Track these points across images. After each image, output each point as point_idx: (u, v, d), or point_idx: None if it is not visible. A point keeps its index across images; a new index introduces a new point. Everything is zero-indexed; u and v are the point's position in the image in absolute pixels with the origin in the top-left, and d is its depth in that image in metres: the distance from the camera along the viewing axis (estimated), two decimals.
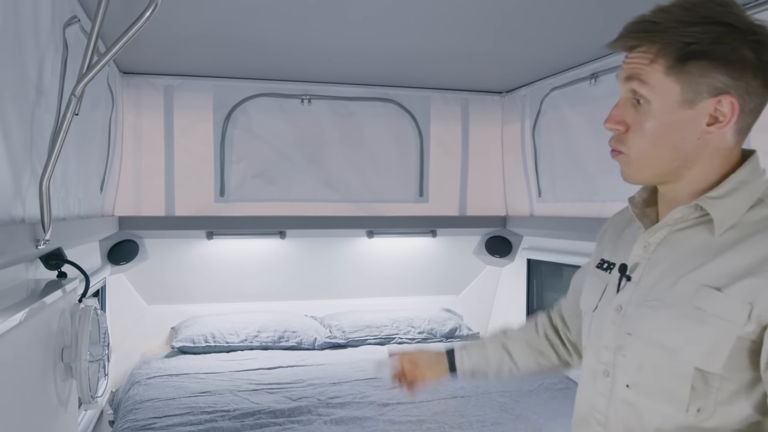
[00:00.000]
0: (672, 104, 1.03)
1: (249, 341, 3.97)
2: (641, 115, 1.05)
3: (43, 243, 1.78)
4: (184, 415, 2.91)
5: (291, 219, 3.89)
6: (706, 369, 1.00)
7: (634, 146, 1.07)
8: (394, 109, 4.02)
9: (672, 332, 1.04)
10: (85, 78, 1.64)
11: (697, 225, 1.07)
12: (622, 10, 2.32)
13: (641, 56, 1.04)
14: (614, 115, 1.08)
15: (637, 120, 1.06)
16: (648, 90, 1.04)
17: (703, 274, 1.02)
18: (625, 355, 1.11)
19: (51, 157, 1.68)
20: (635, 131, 1.06)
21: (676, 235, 1.10)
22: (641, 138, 1.06)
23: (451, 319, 4.47)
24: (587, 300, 1.27)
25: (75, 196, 2.45)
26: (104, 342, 2.11)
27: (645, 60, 1.04)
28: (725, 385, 1.00)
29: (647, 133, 1.05)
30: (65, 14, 2.04)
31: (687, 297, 1.03)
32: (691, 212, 1.07)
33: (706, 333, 0.99)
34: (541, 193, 3.87)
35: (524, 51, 3.04)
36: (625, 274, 1.16)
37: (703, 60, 0.99)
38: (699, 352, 1.00)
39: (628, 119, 1.07)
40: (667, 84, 1.02)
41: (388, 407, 3.05)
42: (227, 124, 3.74)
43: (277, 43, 2.89)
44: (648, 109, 1.04)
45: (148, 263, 3.89)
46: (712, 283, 1.00)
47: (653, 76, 1.03)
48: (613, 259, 1.23)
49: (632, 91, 1.06)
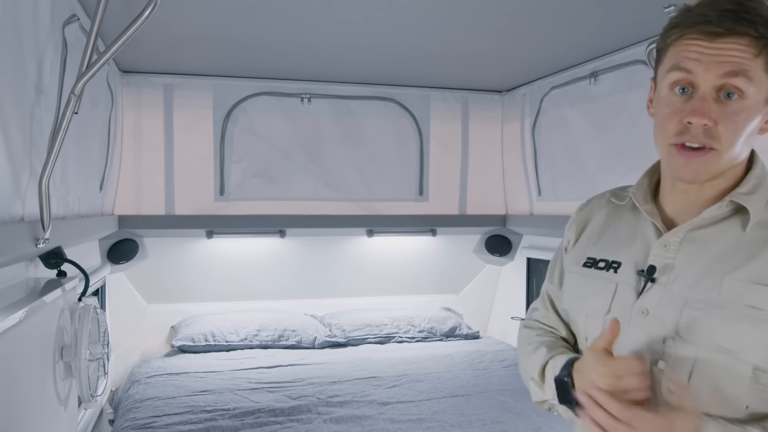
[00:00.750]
0: (761, 101, 1.00)
1: (249, 340, 3.97)
2: (731, 110, 0.99)
3: (42, 242, 1.78)
4: (184, 413, 2.91)
5: (291, 218, 3.89)
6: (764, 369, 0.97)
7: (726, 141, 0.99)
8: (394, 108, 4.02)
9: (729, 334, 0.99)
10: (84, 77, 1.64)
11: (719, 222, 1.06)
12: (621, 10, 2.34)
13: (743, 48, 0.97)
14: (702, 109, 0.99)
15: (725, 114, 0.99)
16: (750, 85, 0.98)
17: (749, 272, 0.99)
18: (668, 360, 1.05)
19: (50, 155, 1.68)
20: (727, 126, 0.99)
21: (697, 233, 1.07)
22: (733, 131, 0.99)
23: (451, 318, 4.47)
24: (587, 303, 1.20)
25: (74, 194, 2.45)
26: (104, 341, 2.11)
27: (749, 54, 0.97)
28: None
29: (739, 126, 0.99)
30: (65, 13, 2.04)
31: (737, 296, 0.99)
32: (722, 209, 1.05)
33: (765, 331, 0.96)
34: (541, 191, 3.87)
35: (524, 50, 3.04)
36: (650, 277, 1.09)
37: None
38: (759, 353, 0.97)
39: (714, 114, 0.99)
40: (764, 80, 0.99)
41: (388, 406, 3.05)
42: (227, 122, 3.74)
43: (277, 41, 2.89)
44: (741, 104, 0.99)
45: (148, 262, 3.89)
46: (763, 280, 0.98)
47: (757, 72, 0.98)
48: (613, 257, 1.17)
49: (726, 85, 0.98)
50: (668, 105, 1.03)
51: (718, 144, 0.99)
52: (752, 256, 1.00)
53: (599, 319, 1.16)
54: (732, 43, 0.97)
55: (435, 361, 3.80)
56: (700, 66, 0.98)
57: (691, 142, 1.00)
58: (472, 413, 2.95)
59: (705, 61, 0.98)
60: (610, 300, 1.14)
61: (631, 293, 1.11)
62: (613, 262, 1.16)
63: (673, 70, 1.02)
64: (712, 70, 0.98)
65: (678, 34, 1.02)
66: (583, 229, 1.27)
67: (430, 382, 3.41)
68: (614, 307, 1.13)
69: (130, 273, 3.94)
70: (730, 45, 0.97)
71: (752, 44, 0.96)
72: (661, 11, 2.30)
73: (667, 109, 1.04)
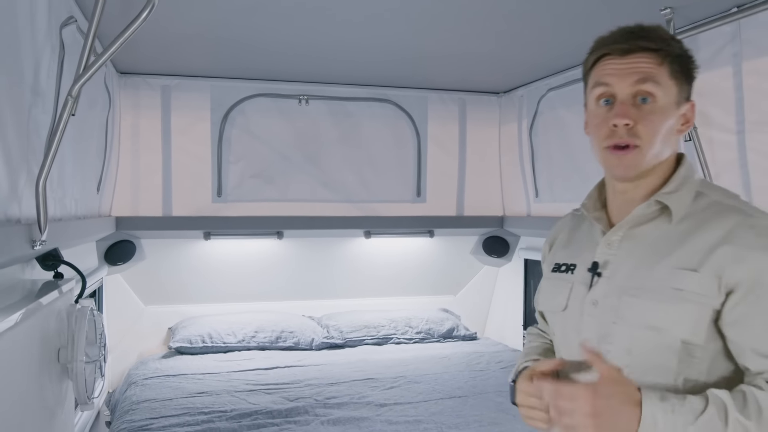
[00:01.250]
0: (671, 103, 1.19)
1: (246, 341, 3.97)
2: (647, 111, 1.18)
3: (39, 243, 1.77)
4: (181, 415, 2.91)
5: (288, 219, 3.89)
6: (691, 341, 1.13)
7: (646, 137, 1.17)
8: (392, 110, 4.02)
9: (658, 313, 1.15)
10: (81, 78, 1.64)
11: (652, 220, 1.23)
12: (618, 12, 2.34)
13: (649, 60, 1.18)
14: (623, 111, 1.18)
15: (642, 115, 1.17)
16: (659, 89, 1.17)
17: (675, 260, 1.16)
18: (612, 342, 1.20)
19: (47, 157, 1.68)
20: (645, 124, 1.17)
21: (635, 230, 1.25)
22: (651, 129, 1.17)
23: (448, 319, 4.47)
24: (552, 302, 1.37)
25: (71, 196, 2.45)
26: (101, 343, 2.11)
27: (653, 63, 1.18)
28: (705, 354, 1.14)
29: (655, 125, 1.18)
30: (62, 14, 2.04)
31: (665, 281, 1.16)
32: (650, 207, 1.22)
33: (688, 309, 1.13)
34: (538, 193, 3.87)
35: (521, 52, 3.04)
36: (596, 272, 1.27)
37: (687, 69, 1.22)
38: (685, 327, 1.13)
39: (633, 116, 1.17)
40: (670, 85, 1.19)
41: (386, 407, 3.05)
42: (225, 124, 3.74)
43: (275, 43, 2.89)
44: (654, 106, 1.18)
45: (146, 263, 3.89)
46: (687, 265, 1.14)
47: (663, 78, 1.18)
48: (571, 260, 1.35)
49: (639, 91, 1.18)
50: (596, 116, 1.24)
51: (640, 141, 1.18)
52: (678, 245, 1.18)
53: (558, 315, 1.34)
54: (639, 57, 1.19)
55: (432, 362, 3.80)
56: (616, 78, 1.20)
57: (618, 142, 1.19)
58: (469, 414, 2.95)
59: (619, 74, 1.19)
60: (567, 297, 1.32)
61: (584, 289, 1.28)
62: (571, 264, 1.35)
63: (596, 87, 1.23)
64: (626, 79, 1.19)
65: (596, 57, 1.25)
66: (553, 243, 1.48)
67: (427, 383, 3.41)
68: (570, 302, 1.31)
69: (127, 274, 3.93)
70: (637, 58, 1.19)
71: (655, 56, 1.18)
72: (658, 13, 2.31)
73: (596, 120, 1.24)
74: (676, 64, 1.19)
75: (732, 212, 1.16)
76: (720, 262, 1.12)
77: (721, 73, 2.40)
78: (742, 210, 1.17)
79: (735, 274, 1.11)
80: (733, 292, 1.11)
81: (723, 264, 1.11)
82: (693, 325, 1.13)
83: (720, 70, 2.40)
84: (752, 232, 1.12)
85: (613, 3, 2.27)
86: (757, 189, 2.33)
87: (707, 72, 2.46)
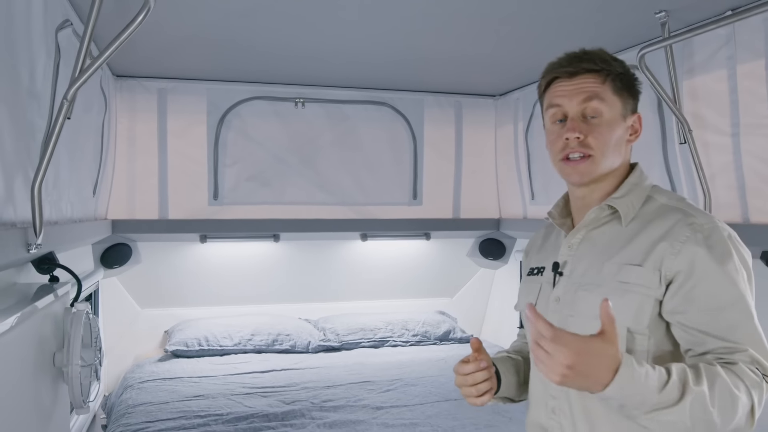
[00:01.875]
0: (617, 116, 1.35)
1: (242, 344, 3.96)
2: (595, 125, 1.33)
3: (34, 247, 1.77)
4: (177, 419, 2.91)
5: (285, 222, 3.88)
6: (635, 329, 1.26)
7: (597, 147, 1.33)
8: (388, 113, 4.03)
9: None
10: (77, 82, 1.64)
11: (607, 223, 1.38)
12: (613, 15, 2.35)
13: (593, 80, 1.34)
14: (573, 126, 1.33)
15: (591, 129, 1.33)
16: (604, 105, 1.33)
17: (622, 257, 1.31)
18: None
19: (43, 160, 1.68)
20: (594, 136, 1.33)
21: (592, 233, 1.40)
22: (600, 140, 1.33)
23: (445, 321, 4.47)
24: (525, 301, 1.47)
25: (67, 199, 2.44)
26: (96, 346, 2.10)
27: (597, 82, 1.34)
28: (647, 342, 1.26)
29: (604, 136, 1.33)
30: (57, 18, 2.04)
31: (612, 276, 1.30)
32: (602, 211, 1.37)
33: (632, 300, 1.26)
34: (534, 195, 3.88)
35: (517, 55, 3.05)
36: (557, 271, 1.41)
37: (629, 85, 1.37)
38: (628, 316, 1.25)
39: (583, 130, 1.33)
40: (615, 101, 1.34)
41: (382, 410, 3.05)
42: (221, 127, 3.74)
43: (271, 46, 2.89)
44: (601, 120, 1.33)
45: (142, 266, 3.88)
46: (632, 261, 1.29)
47: (607, 94, 1.34)
48: (541, 264, 1.51)
49: (587, 108, 1.33)
50: (552, 133, 1.40)
51: (592, 151, 1.33)
52: (626, 244, 1.32)
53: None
54: (584, 78, 1.34)
55: (429, 365, 3.80)
56: (566, 99, 1.35)
57: (572, 154, 1.34)
58: (465, 417, 2.96)
59: (568, 95, 1.35)
60: (536, 296, 1.47)
61: (549, 288, 1.44)
62: (541, 267, 1.50)
63: (549, 108, 1.39)
64: (574, 99, 1.34)
65: (547, 80, 1.41)
66: (530, 251, 1.63)
67: (423, 386, 3.41)
68: (539, 301, 1.45)
69: (123, 277, 3.93)
70: (582, 79, 1.34)
71: (598, 76, 1.34)
72: (653, 17, 2.32)
73: (552, 136, 1.40)
74: (618, 82, 1.34)
75: (674, 212, 1.31)
76: (660, 255, 1.25)
77: (716, 76, 2.40)
78: (683, 210, 1.31)
79: (673, 265, 1.24)
80: (672, 282, 1.24)
81: (662, 257, 1.25)
82: (637, 315, 1.25)
83: (715, 73, 2.41)
84: (689, 228, 1.26)
85: (608, 6, 2.27)
86: (751, 191, 2.34)
87: (702, 75, 2.47)
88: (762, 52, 2.22)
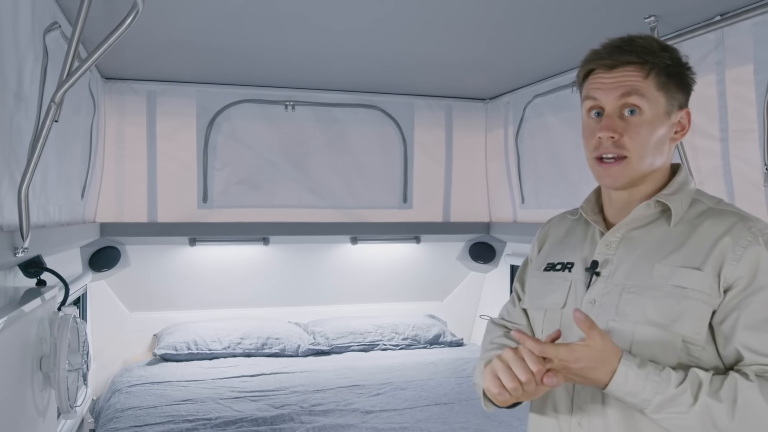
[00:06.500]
0: (659, 114, 1.23)
1: (232, 348, 3.94)
2: (634, 123, 1.22)
3: (21, 251, 1.76)
4: (166, 423, 2.89)
5: (275, 225, 3.87)
6: (691, 340, 1.16)
7: (633, 148, 1.22)
8: (378, 116, 4.03)
9: (659, 310, 1.18)
10: (65, 84, 1.63)
11: (651, 222, 1.27)
12: (603, 20, 2.36)
13: (634, 73, 1.22)
14: (608, 125, 1.22)
15: (628, 127, 1.22)
16: (644, 101, 1.21)
17: (675, 259, 1.20)
18: (612, 338, 1.18)
19: (30, 163, 1.66)
20: (631, 136, 1.22)
21: (633, 233, 1.29)
22: (638, 140, 1.22)
23: (435, 325, 4.47)
24: (547, 300, 1.37)
25: (55, 202, 2.42)
26: (83, 351, 2.09)
27: (639, 76, 1.22)
28: (703, 355, 1.17)
29: (642, 136, 1.22)
30: (46, 20, 2.02)
31: (665, 279, 1.19)
32: (650, 208, 1.26)
33: (690, 306, 1.16)
34: (524, 199, 3.89)
35: (507, 58, 3.06)
36: (595, 271, 1.29)
37: (678, 78, 1.25)
38: (686, 324, 1.16)
39: (619, 128, 1.22)
40: (658, 97, 1.22)
41: (371, 414, 3.04)
42: (210, 130, 3.73)
43: (261, 49, 2.89)
44: (641, 118, 1.22)
45: (130, 270, 3.86)
46: (689, 264, 1.18)
47: (649, 90, 1.22)
48: (567, 260, 1.37)
49: (626, 104, 1.22)
50: (587, 128, 1.29)
51: (627, 152, 1.22)
52: (678, 246, 1.22)
53: (557, 312, 1.34)
54: (624, 71, 1.23)
55: (419, 368, 3.80)
56: (603, 93, 1.24)
57: (605, 154, 1.24)
58: (455, 421, 2.95)
59: (606, 89, 1.24)
60: (566, 295, 1.33)
61: (582, 287, 1.31)
62: (568, 263, 1.37)
63: (586, 100, 1.29)
64: (612, 93, 1.23)
65: (585, 71, 1.30)
66: (543, 243, 1.49)
67: (413, 390, 3.40)
68: (569, 300, 1.32)
69: (112, 281, 3.90)
70: (622, 72, 1.23)
71: (640, 69, 1.22)
72: (642, 21, 2.33)
73: (586, 131, 1.29)
74: (663, 76, 1.22)
75: (729, 215, 1.22)
76: (720, 260, 1.16)
77: (705, 81, 2.42)
78: (738, 213, 1.22)
79: (735, 272, 1.15)
80: (731, 289, 1.15)
81: (723, 262, 1.16)
82: (695, 323, 1.16)
83: (704, 77, 2.42)
84: (749, 232, 1.17)
85: (599, 11, 2.28)
86: (740, 196, 2.35)
87: None
88: (750, 57, 2.23)
